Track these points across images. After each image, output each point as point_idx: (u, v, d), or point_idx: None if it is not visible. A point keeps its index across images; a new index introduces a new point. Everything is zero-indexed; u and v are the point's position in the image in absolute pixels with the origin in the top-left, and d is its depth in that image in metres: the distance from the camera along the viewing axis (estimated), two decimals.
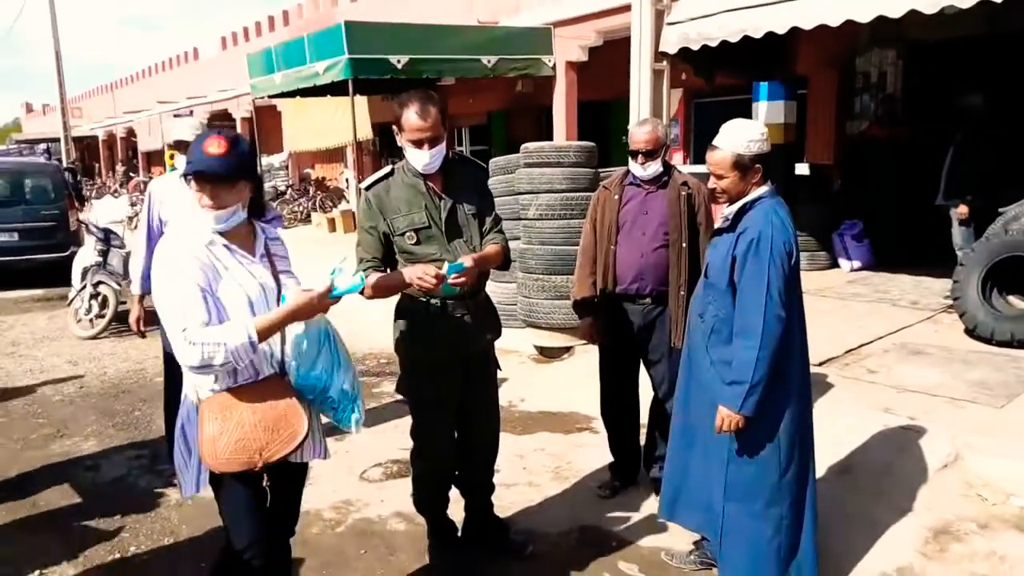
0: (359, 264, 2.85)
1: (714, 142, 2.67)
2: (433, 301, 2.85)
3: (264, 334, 2.13)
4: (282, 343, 2.27)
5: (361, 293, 2.74)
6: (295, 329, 2.26)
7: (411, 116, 2.74)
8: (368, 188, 2.89)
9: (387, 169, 2.93)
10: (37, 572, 3.19)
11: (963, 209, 6.43)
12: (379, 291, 2.82)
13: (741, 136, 2.62)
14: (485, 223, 2.96)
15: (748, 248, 2.56)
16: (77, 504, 3.89)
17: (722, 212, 2.76)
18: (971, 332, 5.40)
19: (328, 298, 2.22)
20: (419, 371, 2.97)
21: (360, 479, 4.10)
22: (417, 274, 2.65)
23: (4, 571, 3.21)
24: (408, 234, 2.83)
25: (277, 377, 2.25)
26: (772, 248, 2.52)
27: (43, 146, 23.92)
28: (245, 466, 2.13)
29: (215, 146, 2.11)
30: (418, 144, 2.77)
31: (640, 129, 3.50)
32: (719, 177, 2.66)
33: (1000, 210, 5.81)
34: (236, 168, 2.14)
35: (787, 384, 2.63)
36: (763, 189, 2.66)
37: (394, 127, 2.84)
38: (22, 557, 3.30)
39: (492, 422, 3.21)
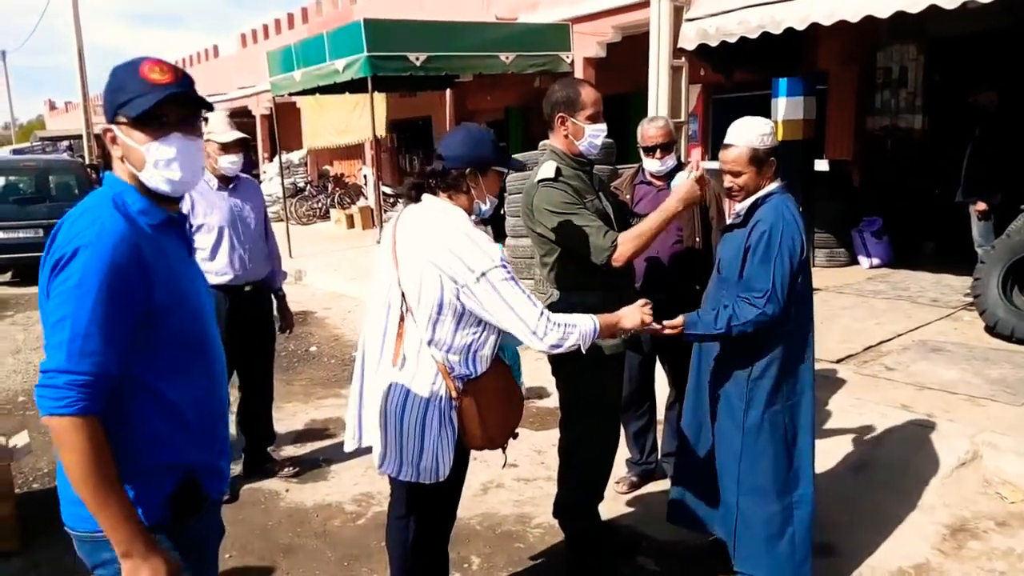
0: (606, 235, 2.72)
1: (727, 140, 2.70)
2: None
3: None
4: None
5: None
6: None
7: (590, 91, 2.83)
8: (555, 179, 2.80)
9: (553, 166, 2.83)
10: None
11: (981, 205, 6.38)
12: (642, 246, 2.78)
13: (753, 131, 2.65)
14: None
15: (760, 239, 2.59)
16: None
17: (734, 208, 2.79)
18: (991, 329, 5.37)
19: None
20: (612, 367, 2.98)
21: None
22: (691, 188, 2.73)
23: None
24: None
25: (500, 361, 2.43)
26: (781, 242, 2.55)
27: (66, 143, 24.28)
28: (505, 440, 2.43)
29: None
30: (597, 118, 2.83)
31: (653, 125, 3.53)
32: (736, 174, 2.68)
33: (1021, 207, 5.76)
34: None
35: (799, 378, 2.68)
36: (774, 185, 2.69)
37: (560, 115, 2.81)
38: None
39: None
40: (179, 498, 1.62)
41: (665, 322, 2.60)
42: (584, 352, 2.31)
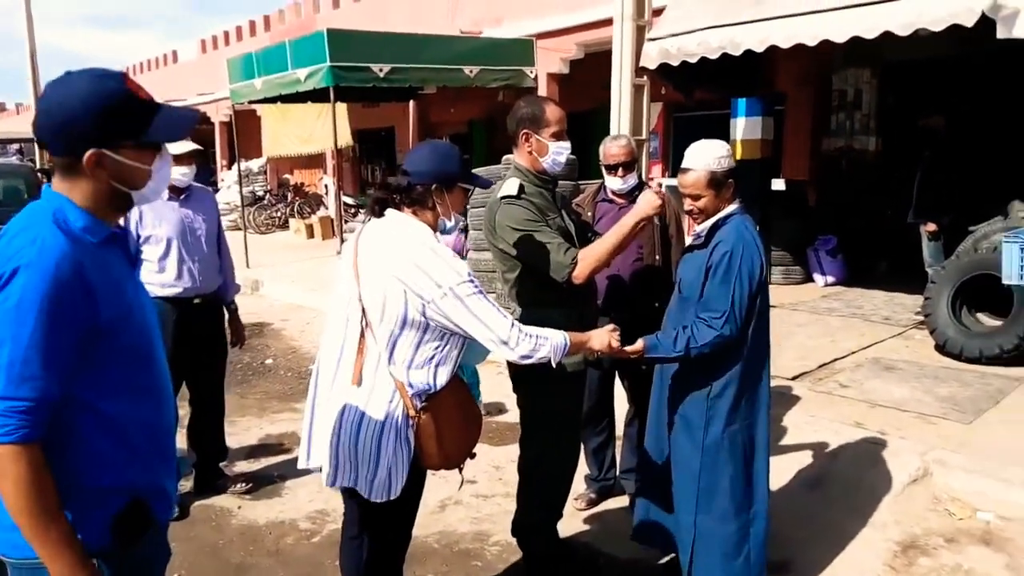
0: (566, 252, 2.74)
1: (684, 164, 2.72)
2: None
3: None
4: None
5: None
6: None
7: (554, 109, 2.83)
8: (518, 196, 2.79)
9: (516, 183, 2.82)
10: None
11: (931, 226, 6.57)
12: (602, 262, 2.82)
13: (711, 155, 2.68)
14: None
15: (721, 260, 2.62)
16: None
17: (695, 229, 2.82)
18: (941, 348, 5.50)
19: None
20: (573, 384, 2.96)
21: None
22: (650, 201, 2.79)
23: None
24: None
25: (459, 378, 2.39)
26: (741, 264, 2.58)
27: (16, 146, 23.58)
28: (463, 460, 2.38)
29: None
30: (562, 135, 2.82)
31: (615, 143, 3.55)
32: (696, 198, 2.70)
33: (970, 228, 5.93)
34: None
35: (757, 396, 2.72)
36: (733, 206, 2.72)
37: (524, 132, 2.82)
38: None
39: None
40: (124, 521, 1.56)
41: (627, 347, 2.61)
42: (554, 366, 2.30)
